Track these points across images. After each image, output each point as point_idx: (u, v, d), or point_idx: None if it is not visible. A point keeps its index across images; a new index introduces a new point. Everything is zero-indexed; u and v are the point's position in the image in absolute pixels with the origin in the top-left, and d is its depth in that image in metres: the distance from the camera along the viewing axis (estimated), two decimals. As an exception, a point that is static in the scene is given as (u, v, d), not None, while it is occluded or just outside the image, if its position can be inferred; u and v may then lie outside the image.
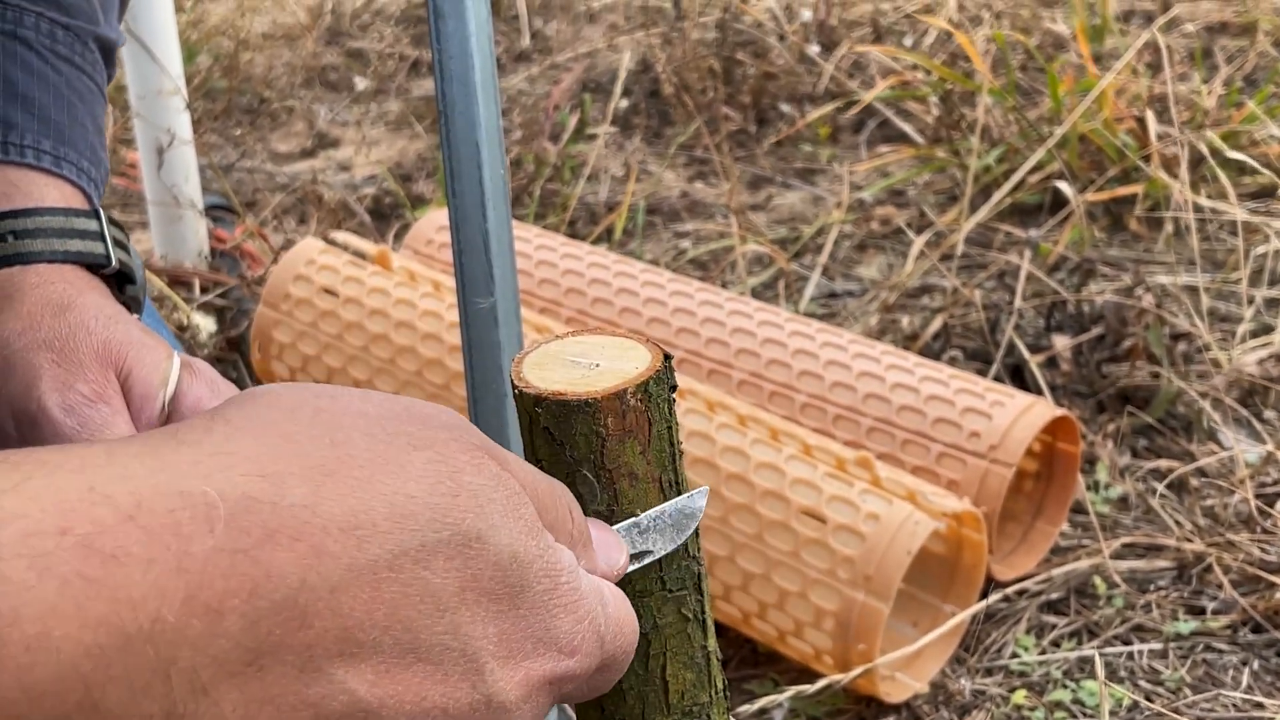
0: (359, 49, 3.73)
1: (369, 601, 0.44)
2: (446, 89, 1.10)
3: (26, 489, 0.40)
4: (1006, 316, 2.06)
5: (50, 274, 0.89)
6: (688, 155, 3.00)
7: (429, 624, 0.46)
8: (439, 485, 0.47)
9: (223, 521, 0.42)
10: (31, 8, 0.96)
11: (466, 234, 1.11)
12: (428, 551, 0.46)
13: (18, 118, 0.93)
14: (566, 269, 1.96)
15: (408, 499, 0.46)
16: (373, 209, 2.78)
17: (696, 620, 0.74)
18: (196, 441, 0.45)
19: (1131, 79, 2.66)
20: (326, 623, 0.43)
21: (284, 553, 0.43)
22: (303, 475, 0.45)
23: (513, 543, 0.49)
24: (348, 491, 0.45)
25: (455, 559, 0.47)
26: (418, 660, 0.46)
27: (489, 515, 0.48)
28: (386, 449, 0.47)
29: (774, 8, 3.44)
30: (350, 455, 0.46)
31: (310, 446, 0.46)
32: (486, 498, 0.49)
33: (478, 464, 0.49)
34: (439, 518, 0.47)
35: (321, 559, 0.43)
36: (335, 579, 0.43)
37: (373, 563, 0.44)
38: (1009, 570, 1.70)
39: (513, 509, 0.50)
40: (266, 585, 0.42)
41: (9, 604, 0.38)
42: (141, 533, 0.41)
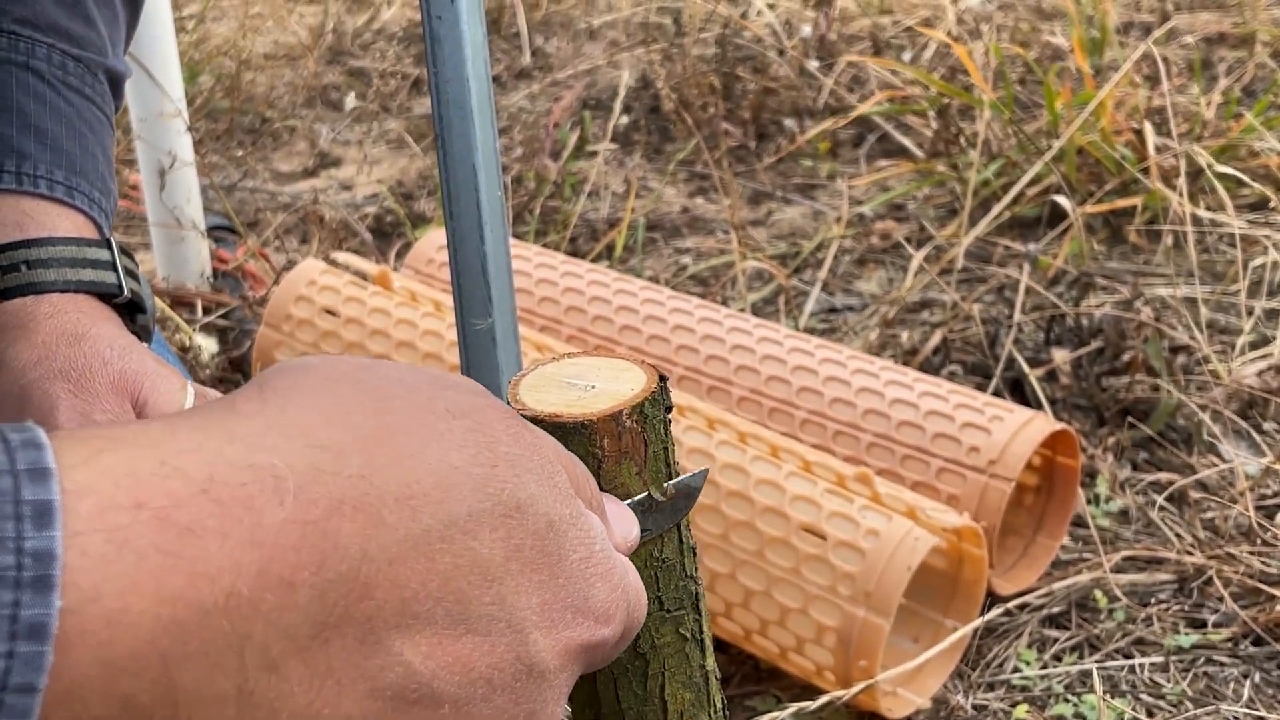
0: (360, 68, 3.74)
1: (424, 572, 0.45)
2: (443, 112, 1.10)
3: (98, 464, 0.40)
4: (1006, 330, 2.07)
5: (63, 304, 0.90)
6: (688, 171, 3.01)
7: (478, 594, 0.46)
8: (480, 455, 0.48)
9: (292, 494, 0.42)
10: (44, 40, 0.97)
11: (464, 256, 1.12)
12: (475, 522, 0.46)
13: (31, 148, 0.94)
14: (566, 287, 1.97)
15: (452, 469, 0.47)
16: (374, 228, 2.79)
17: (695, 640, 0.74)
18: (255, 413, 0.45)
19: (1130, 91, 2.66)
20: (386, 594, 0.44)
21: (348, 523, 0.43)
22: (357, 446, 0.45)
23: (549, 511, 0.49)
24: (398, 462, 0.46)
25: (499, 529, 0.47)
26: (467, 631, 0.46)
27: (526, 484, 0.49)
28: (429, 417, 0.48)
29: (774, 23, 3.45)
30: (396, 424, 0.47)
31: (360, 417, 0.46)
32: (524, 467, 0.49)
33: (513, 433, 0.50)
34: (481, 487, 0.47)
35: (380, 530, 0.44)
36: (393, 550, 0.44)
37: (426, 533, 0.45)
38: (1010, 584, 1.70)
39: (547, 477, 0.50)
40: (334, 557, 0.42)
41: (90, 579, 0.38)
42: (215, 506, 0.41)
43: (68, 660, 0.37)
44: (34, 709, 0.37)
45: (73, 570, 0.37)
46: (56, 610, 0.37)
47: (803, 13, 3.60)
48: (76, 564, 0.38)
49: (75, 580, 0.37)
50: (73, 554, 0.38)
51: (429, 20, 1.08)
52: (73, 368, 0.86)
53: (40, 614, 0.37)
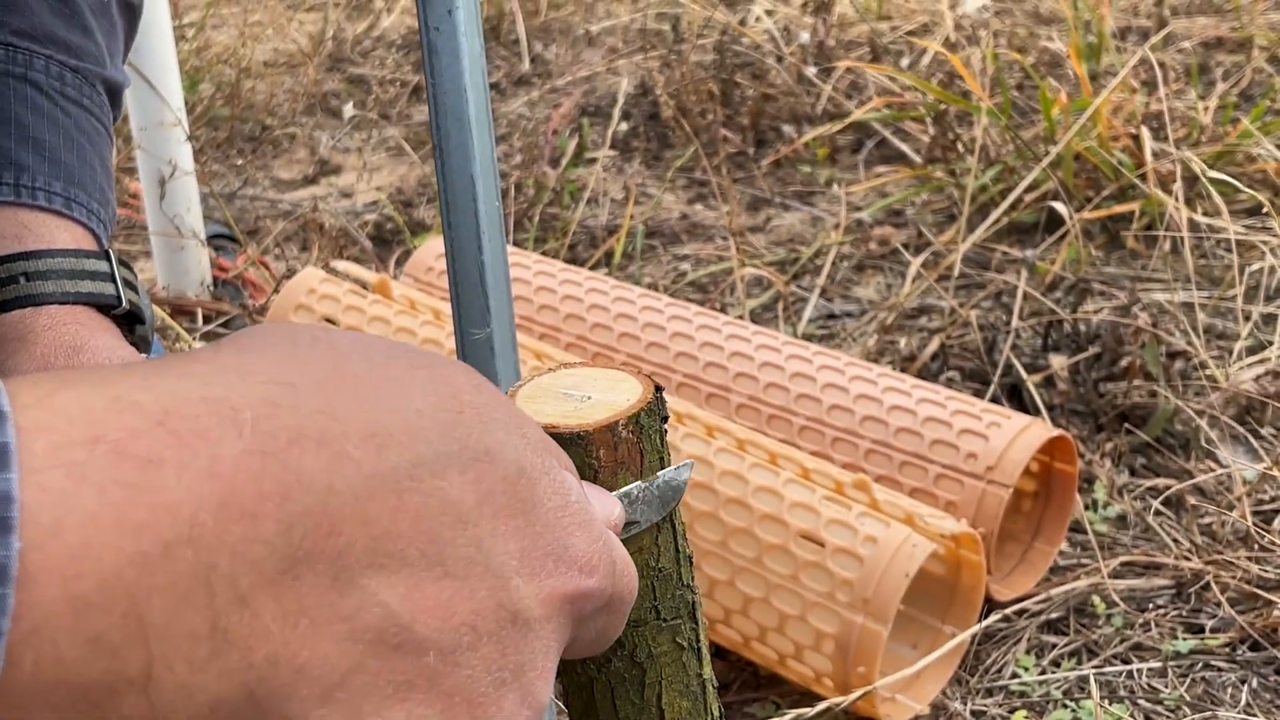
0: (360, 75, 3.75)
1: (394, 510, 0.44)
2: (441, 123, 1.11)
3: (51, 402, 0.39)
4: (1004, 336, 2.07)
5: (62, 315, 0.90)
6: (687, 178, 3.02)
7: (453, 536, 0.45)
8: (444, 402, 0.47)
9: (249, 425, 0.41)
10: (41, 51, 0.98)
11: (462, 266, 1.12)
12: (442, 464, 0.45)
13: (29, 160, 0.95)
14: (565, 295, 1.97)
15: (416, 413, 0.46)
16: (374, 235, 2.80)
17: (691, 649, 0.75)
18: (209, 359, 0.45)
19: (1127, 97, 2.67)
20: (355, 530, 0.43)
21: (311, 457, 0.42)
22: (316, 387, 0.44)
23: (520, 458, 0.48)
24: (360, 402, 0.45)
25: (468, 473, 0.46)
26: (445, 575, 0.45)
27: (494, 431, 0.48)
28: (389, 368, 0.47)
29: (772, 30, 3.46)
30: (355, 374, 0.46)
31: (315, 365, 0.46)
32: (490, 415, 0.48)
33: (476, 384, 0.50)
34: (448, 432, 0.46)
35: (345, 465, 0.43)
36: (359, 486, 0.43)
37: (393, 470, 0.44)
38: (1009, 590, 1.70)
39: (516, 427, 0.50)
40: (297, 489, 0.41)
41: (50, 515, 0.37)
42: (172, 437, 0.40)
43: (32, 598, 0.37)
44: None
45: (31, 508, 0.37)
46: (16, 551, 0.36)
47: (801, 19, 3.61)
48: (35, 501, 0.37)
49: (35, 518, 0.37)
50: (30, 491, 0.37)
51: (426, 31, 1.09)
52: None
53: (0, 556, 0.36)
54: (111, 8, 1.04)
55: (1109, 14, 3.13)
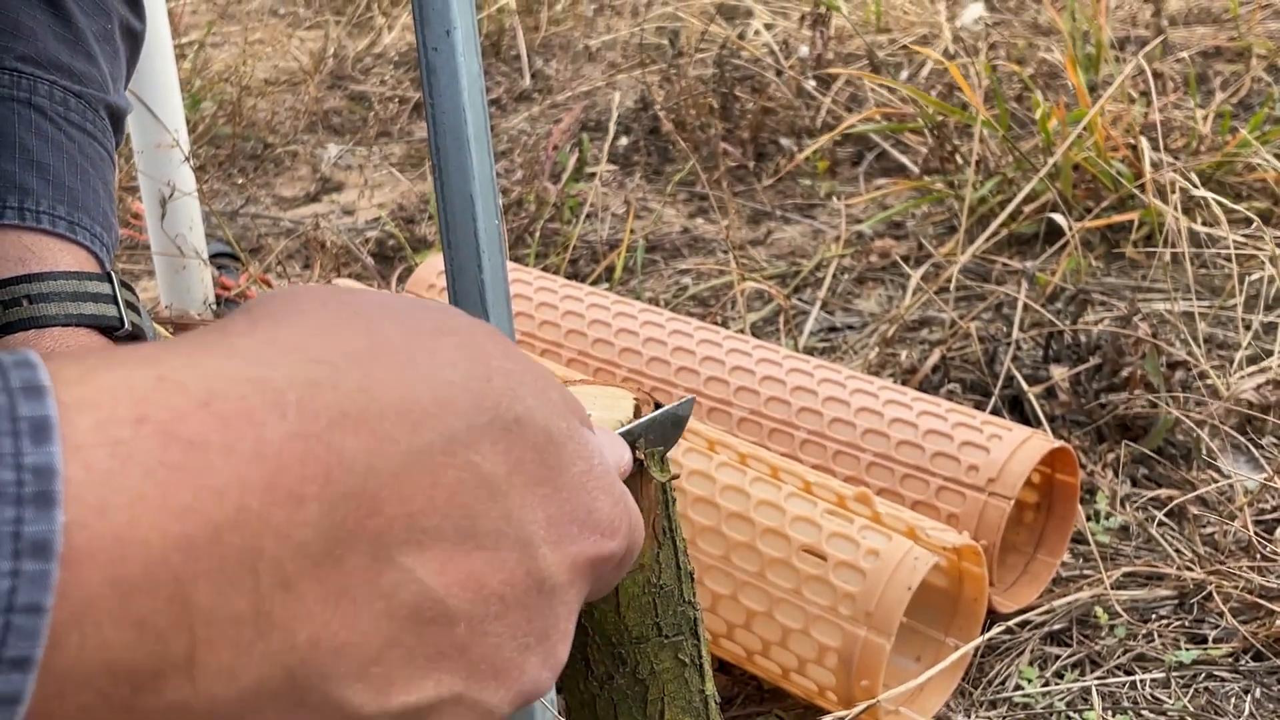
0: (361, 92, 3.76)
1: (430, 487, 0.44)
2: (440, 142, 1.12)
3: (94, 380, 0.39)
4: (1004, 348, 2.08)
5: (64, 337, 0.91)
6: (688, 192, 3.02)
7: (485, 509, 0.46)
8: (474, 369, 0.48)
9: (294, 406, 0.41)
10: (45, 76, 0.99)
11: (462, 284, 1.13)
12: (475, 435, 0.46)
13: (33, 184, 0.95)
14: (567, 310, 1.98)
15: (448, 384, 0.46)
16: (376, 252, 2.81)
17: (694, 665, 0.75)
18: (247, 333, 0.45)
19: (1126, 107, 2.68)
20: (394, 509, 0.43)
21: (352, 437, 0.42)
22: (353, 361, 0.44)
23: (547, 424, 0.49)
24: (394, 377, 0.45)
25: (500, 443, 0.47)
26: (477, 547, 0.46)
27: (523, 397, 0.48)
28: (419, 335, 0.48)
29: (771, 43, 3.47)
30: (388, 341, 0.46)
31: (349, 334, 0.46)
32: (518, 379, 0.49)
33: (504, 348, 0.50)
34: (478, 402, 0.47)
35: (383, 444, 0.43)
36: (397, 464, 0.43)
37: (429, 446, 0.44)
38: (1011, 602, 1.71)
39: (542, 391, 0.50)
40: (339, 470, 0.42)
41: (95, 494, 0.37)
42: (217, 420, 0.40)
43: (77, 578, 0.36)
44: (42, 631, 0.36)
45: (76, 485, 0.37)
46: (60, 526, 0.36)
47: (800, 32, 3.62)
48: (80, 478, 0.37)
49: (80, 495, 0.37)
50: (75, 468, 0.37)
51: (425, 51, 1.10)
52: None
53: (44, 530, 0.36)
54: (114, 34, 1.05)
55: (1106, 24, 3.13)
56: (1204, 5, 3.72)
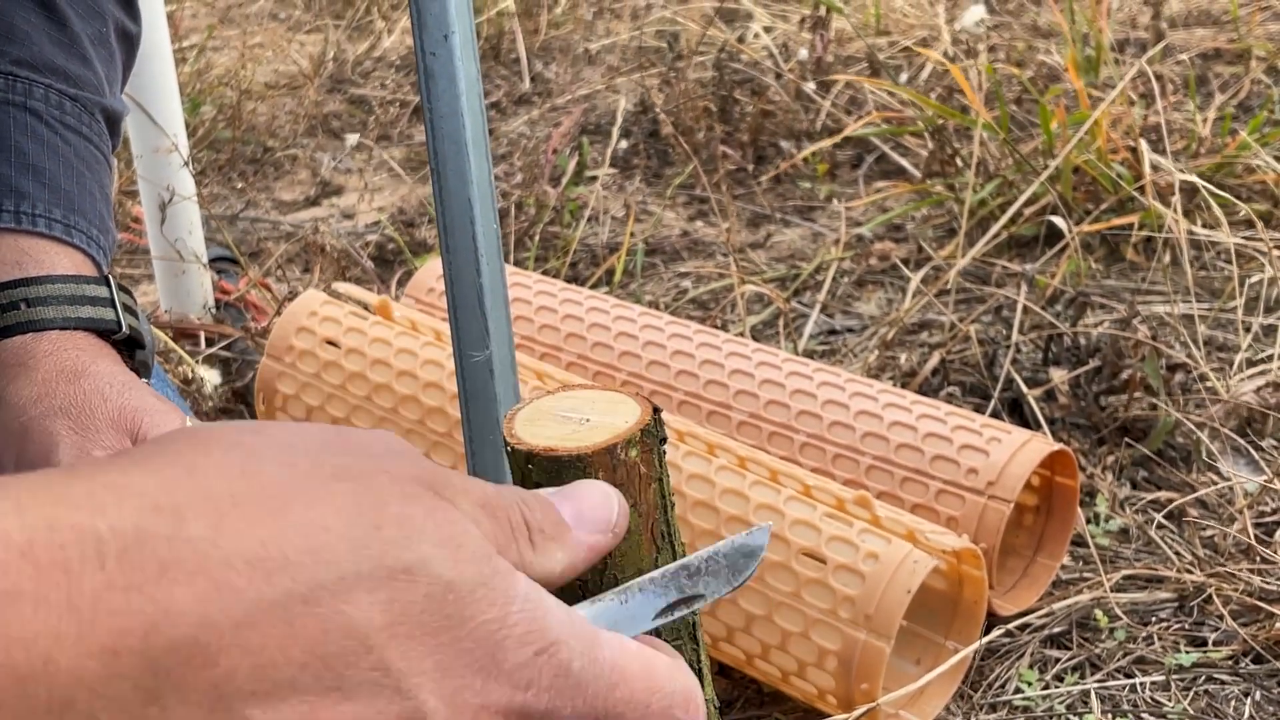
0: (361, 96, 3.76)
1: (283, 638, 0.43)
2: (438, 147, 1.12)
3: None
4: (1004, 351, 2.08)
5: (62, 341, 0.91)
6: (687, 195, 3.03)
7: (354, 660, 0.44)
8: (360, 517, 0.45)
9: (114, 557, 0.40)
10: (41, 80, 0.99)
11: (461, 288, 1.13)
12: (347, 585, 0.44)
13: (29, 187, 0.95)
14: (566, 314, 1.98)
15: (323, 530, 0.44)
16: (376, 256, 2.81)
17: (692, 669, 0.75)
18: (90, 475, 0.44)
19: (1126, 109, 2.68)
20: (235, 660, 0.42)
21: (182, 588, 0.41)
22: (204, 507, 0.43)
23: (446, 572, 0.46)
24: (255, 523, 0.43)
25: (379, 592, 0.44)
26: (345, 699, 0.44)
27: (417, 546, 0.46)
28: (306, 481, 0.46)
29: (770, 46, 3.47)
30: (262, 486, 0.45)
31: (215, 477, 0.45)
32: (415, 528, 0.46)
33: (407, 494, 0.48)
34: (358, 550, 0.44)
35: (223, 594, 0.42)
36: (239, 614, 0.42)
37: (285, 596, 0.43)
38: (1011, 605, 1.71)
39: (448, 538, 0.47)
40: (164, 622, 0.41)
41: None
42: (33, 569, 0.39)
43: None
44: None
45: None
46: None
47: (799, 35, 3.62)
48: None
49: None
50: None
51: (423, 56, 1.10)
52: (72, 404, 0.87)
53: None
54: (110, 37, 1.05)
55: (1106, 27, 3.13)
56: (1204, 7, 3.72)
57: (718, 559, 0.59)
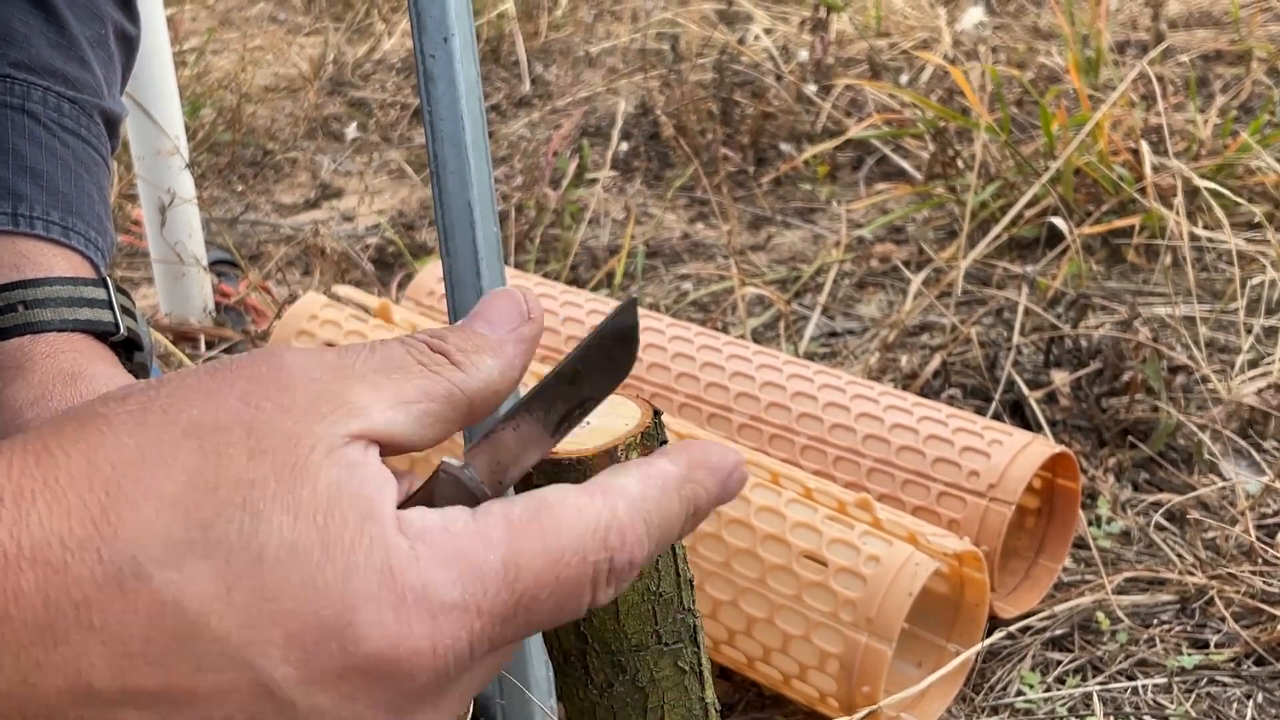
0: (361, 98, 3.76)
1: (122, 613, 0.43)
2: (438, 150, 1.11)
3: None
4: (1005, 353, 2.07)
5: (60, 343, 0.90)
6: (688, 197, 3.02)
7: (194, 631, 0.44)
8: (199, 478, 0.45)
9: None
10: (39, 82, 0.98)
11: (460, 293, 1.13)
12: (178, 554, 0.44)
13: (27, 189, 0.95)
14: (566, 316, 1.98)
15: (156, 498, 0.44)
16: (376, 259, 2.80)
17: (693, 672, 0.75)
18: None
19: (1126, 111, 2.68)
20: (84, 639, 0.43)
21: (25, 575, 0.43)
22: (42, 494, 0.44)
23: (284, 534, 0.45)
24: (88, 502, 0.44)
25: (213, 558, 0.44)
26: (198, 669, 0.44)
27: (256, 504, 0.45)
28: (151, 443, 0.45)
29: (770, 48, 3.47)
30: (103, 460, 0.45)
31: (59, 460, 0.45)
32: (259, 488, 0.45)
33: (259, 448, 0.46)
34: (189, 516, 0.44)
35: (60, 576, 0.43)
36: (78, 595, 0.43)
37: (117, 572, 0.43)
38: (1012, 607, 1.70)
39: (289, 499, 0.45)
40: (14, 609, 0.43)
41: None
42: None
43: None
44: None
45: None
46: None
47: (799, 37, 3.62)
48: None
49: None
50: None
51: (422, 59, 1.10)
52: (69, 406, 0.87)
53: None
54: (108, 39, 1.05)
55: (1106, 28, 3.13)
56: (1204, 8, 3.72)
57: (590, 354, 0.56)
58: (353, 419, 0.47)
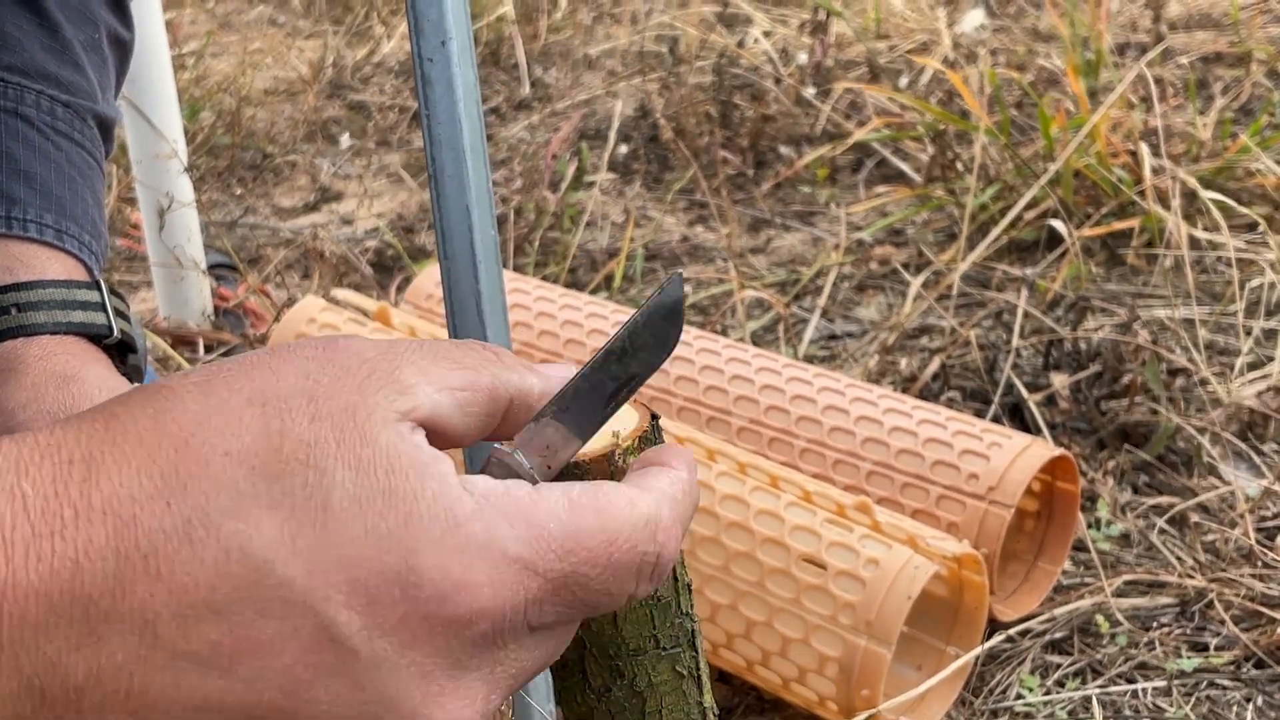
0: (360, 102, 3.76)
1: (188, 562, 0.44)
2: (436, 154, 1.11)
3: None
4: (1004, 355, 2.07)
5: (53, 345, 0.90)
6: (687, 200, 3.02)
7: (259, 578, 0.45)
8: (262, 440, 0.46)
9: (37, 510, 0.44)
10: (33, 86, 0.98)
11: (459, 295, 1.12)
12: (244, 506, 0.45)
13: (20, 193, 0.95)
14: (565, 320, 1.98)
15: (223, 456, 0.46)
16: (375, 262, 2.80)
17: (691, 677, 0.75)
18: (22, 439, 0.47)
19: (1126, 113, 2.67)
20: (151, 587, 0.44)
21: (97, 529, 0.44)
22: (112, 453, 0.46)
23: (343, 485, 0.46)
24: (157, 459, 0.45)
25: (276, 510, 0.45)
26: (260, 615, 0.45)
27: (320, 461, 0.46)
28: (216, 408, 0.47)
29: (770, 51, 3.47)
30: (170, 421, 0.46)
31: (126, 423, 0.47)
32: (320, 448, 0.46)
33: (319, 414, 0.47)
34: (256, 472, 0.45)
35: (132, 528, 0.44)
36: (146, 545, 0.44)
37: (185, 523, 0.45)
38: (1012, 610, 1.70)
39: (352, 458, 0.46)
40: (85, 562, 0.44)
41: None
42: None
43: None
44: None
45: None
46: None
47: (799, 40, 3.62)
48: None
49: None
50: None
51: (420, 63, 1.09)
52: (62, 409, 0.86)
53: None
54: (102, 44, 1.05)
55: (1106, 30, 3.13)
56: (1204, 10, 3.72)
57: (639, 332, 0.57)
58: (402, 396, 0.49)
